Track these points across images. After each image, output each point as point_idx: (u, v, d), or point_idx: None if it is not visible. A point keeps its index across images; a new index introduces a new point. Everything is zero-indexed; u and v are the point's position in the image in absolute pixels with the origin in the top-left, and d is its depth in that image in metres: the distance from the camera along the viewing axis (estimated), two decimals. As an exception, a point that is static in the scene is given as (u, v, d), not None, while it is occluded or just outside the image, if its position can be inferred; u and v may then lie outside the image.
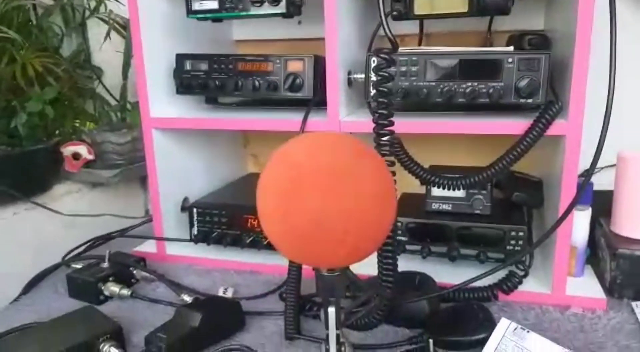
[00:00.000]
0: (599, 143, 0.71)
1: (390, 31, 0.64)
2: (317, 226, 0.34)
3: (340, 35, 0.84)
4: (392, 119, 0.68)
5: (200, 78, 0.95)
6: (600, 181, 0.95)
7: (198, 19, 0.90)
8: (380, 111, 0.67)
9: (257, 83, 0.92)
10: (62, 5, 1.53)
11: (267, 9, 0.86)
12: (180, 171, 1.07)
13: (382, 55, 0.65)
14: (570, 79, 0.74)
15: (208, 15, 0.88)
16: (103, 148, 1.40)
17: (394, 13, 0.84)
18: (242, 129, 0.94)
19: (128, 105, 1.49)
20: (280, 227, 0.37)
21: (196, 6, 0.88)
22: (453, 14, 0.82)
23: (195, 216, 1.00)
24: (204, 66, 0.94)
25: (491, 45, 1.06)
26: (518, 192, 0.93)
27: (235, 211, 0.98)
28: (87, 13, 1.52)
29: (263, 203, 0.38)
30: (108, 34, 1.48)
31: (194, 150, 1.10)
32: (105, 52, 1.57)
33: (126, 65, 1.47)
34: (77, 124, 1.53)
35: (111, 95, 1.58)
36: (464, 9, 0.81)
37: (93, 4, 1.50)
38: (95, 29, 1.59)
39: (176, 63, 0.97)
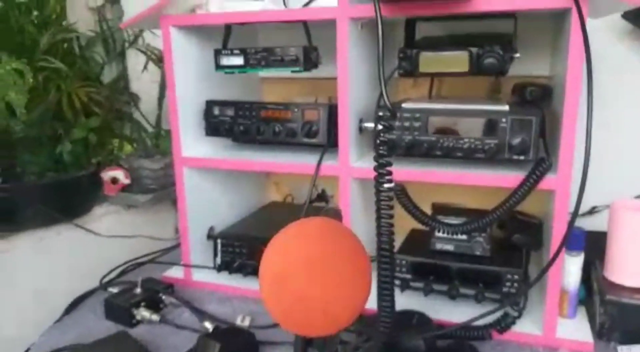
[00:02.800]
0: (578, 196, 0.76)
1: (388, 100, 0.71)
2: (300, 307, 0.43)
3: (352, 87, 0.92)
4: (394, 168, 0.74)
5: (227, 123, 1.05)
6: (603, 222, 1.00)
7: (225, 73, 0.99)
8: (380, 171, 0.75)
9: (277, 129, 1.01)
10: (104, 38, 1.67)
11: (287, 66, 0.95)
12: (208, 202, 1.17)
13: (382, 123, 0.73)
14: (559, 136, 0.80)
15: (235, 70, 0.98)
16: (138, 173, 1.52)
17: (401, 71, 0.92)
18: (264, 170, 1.04)
19: (162, 132, 1.60)
20: (274, 307, 0.46)
21: (224, 61, 0.98)
22: (454, 73, 0.89)
23: (219, 246, 1.10)
24: (230, 112, 1.04)
25: (499, 92, 1.12)
26: (518, 233, 0.99)
27: (255, 242, 1.07)
28: (127, 44, 1.64)
29: (262, 288, 0.48)
30: (145, 66, 1.60)
31: (221, 183, 1.20)
32: (143, 81, 1.70)
33: (161, 96, 1.58)
34: (115, 146, 1.66)
35: (147, 121, 1.70)
36: (465, 69, 0.88)
37: (132, 37, 1.62)
38: (134, 59, 1.72)
39: (206, 108, 1.07)
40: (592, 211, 1.20)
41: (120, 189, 1.50)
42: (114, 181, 1.51)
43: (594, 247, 0.93)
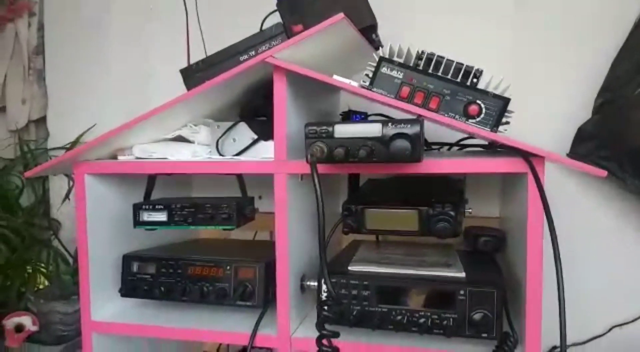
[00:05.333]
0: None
1: (332, 287, 0.61)
2: None
3: (292, 244, 0.82)
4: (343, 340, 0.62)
5: (147, 282, 0.90)
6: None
7: (146, 229, 0.87)
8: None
9: (205, 289, 0.88)
10: (25, 163, 1.53)
11: (217, 224, 0.84)
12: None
13: (324, 314, 0.62)
14: (524, 313, 0.72)
15: (157, 227, 0.86)
16: (49, 319, 1.32)
17: (346, 229, 0.82)
18: (187, 339, 0.88)
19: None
20: None
21: (144, 217, 0.86)
22: (404, 232, 0.80)
23: None
24: (151, 269, 0.90)
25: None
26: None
27: None
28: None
29: None
30: (67, 195, 1.46)
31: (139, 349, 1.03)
32: (69, 205, 1.54)
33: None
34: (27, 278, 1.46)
35: (66, 251, 1.53)
36: (415, 228, 0.79)
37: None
38: (58, 182, 1.57)
39: (123, 264, 0.92)
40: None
41: (25, 339, 1.29)
42: (19, 328, 1.30)
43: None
